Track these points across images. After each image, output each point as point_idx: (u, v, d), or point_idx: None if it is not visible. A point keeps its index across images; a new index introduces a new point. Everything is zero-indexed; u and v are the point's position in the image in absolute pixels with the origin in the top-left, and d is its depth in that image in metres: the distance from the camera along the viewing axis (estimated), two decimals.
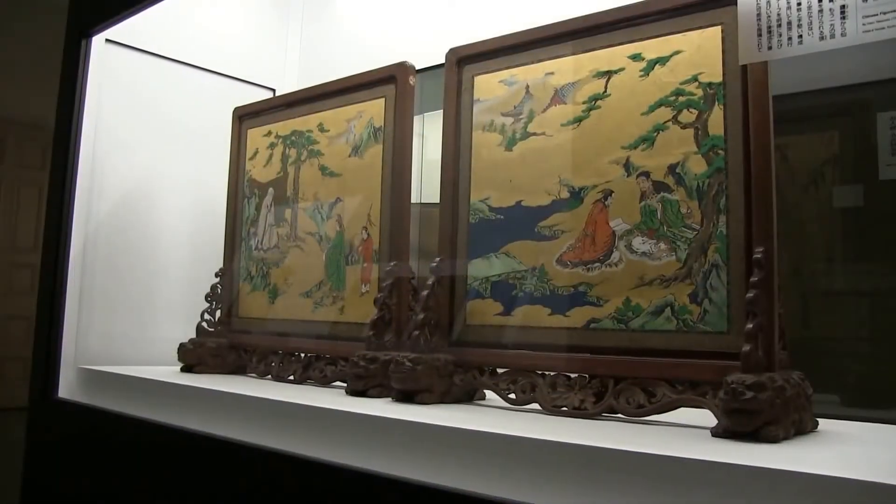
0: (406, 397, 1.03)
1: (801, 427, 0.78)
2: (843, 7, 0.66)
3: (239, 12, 1.93)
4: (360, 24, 1.83)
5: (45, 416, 1.52)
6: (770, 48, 0.71)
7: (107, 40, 1.63)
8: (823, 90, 1.07)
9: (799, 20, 0.69)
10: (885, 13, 0.62)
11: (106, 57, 1.63)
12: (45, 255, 1.58)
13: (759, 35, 0.73)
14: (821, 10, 0.68)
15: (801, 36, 0.69)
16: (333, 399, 1.06)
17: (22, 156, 4.99)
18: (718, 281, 0.85)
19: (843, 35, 0.65)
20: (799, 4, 0.70)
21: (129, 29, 1.63)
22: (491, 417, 0.91)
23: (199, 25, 1.82)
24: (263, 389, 1.16)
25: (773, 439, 0.72)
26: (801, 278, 1.11)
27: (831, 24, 0.67)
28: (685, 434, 0.78)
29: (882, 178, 0.97)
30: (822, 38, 0.67)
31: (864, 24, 0.63)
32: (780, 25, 0.71)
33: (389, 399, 1.05)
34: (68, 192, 1.53)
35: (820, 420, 0.84)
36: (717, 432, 0.75)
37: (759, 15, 0.73)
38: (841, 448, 0.73)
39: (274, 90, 1.93)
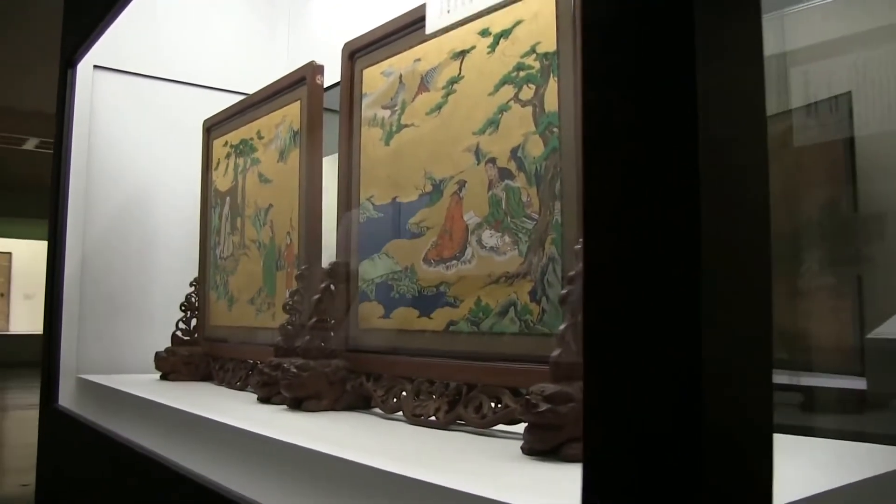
0: (297, 404, 1.01)
1: None
2: None
3: (229, 27, 1.96)
4: (346, 27, 1.80)
5: (50, 423, 1.64)
6: (448, 11, 0.62)
7: (95, 66, 1.73)
8: None
9: None
10: None
11: (100, 83, 1.73)
12: (48, 271, 1.70)
13: None
14: None
15: None
16: (234, 406, 1.05)
17: None
18: (554, 276, 0.76)
19: None
20: None
21: (124, 53, 1.71)
22: (343, 425, 0.87)
23: (190, 44, 1.87)
24: (186, 397, 1.17)
25: (575, 459, 0.63)
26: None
27: None
28: (508, 448, 0.70)
29: None
30: None
31: None
32: None
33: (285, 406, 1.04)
34: (62, 217, 1.64)
35: None
36: (525, 449, 0.67)
37: None
38: None
39: None
